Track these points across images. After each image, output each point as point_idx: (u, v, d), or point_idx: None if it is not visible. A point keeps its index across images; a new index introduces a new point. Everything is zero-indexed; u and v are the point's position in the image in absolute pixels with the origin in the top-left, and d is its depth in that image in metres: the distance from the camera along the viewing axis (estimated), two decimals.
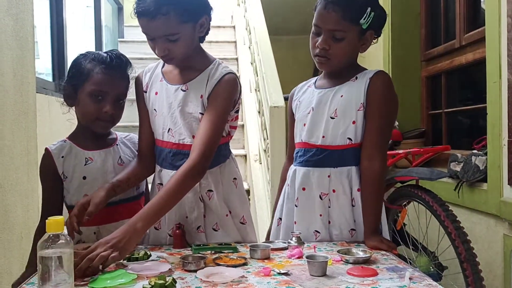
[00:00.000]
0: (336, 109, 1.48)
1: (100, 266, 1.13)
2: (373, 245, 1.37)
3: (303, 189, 1.52)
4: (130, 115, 1.66)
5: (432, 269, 1.89)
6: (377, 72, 1.50)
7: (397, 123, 2.98)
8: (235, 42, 5.57)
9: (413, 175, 1.93)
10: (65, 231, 0.97)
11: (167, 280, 1.03)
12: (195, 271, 1.14)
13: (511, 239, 1.91)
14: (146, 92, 1.53)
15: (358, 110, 1.46)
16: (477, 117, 2.65)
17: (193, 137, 1.42)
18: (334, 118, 1.48)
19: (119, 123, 1.54)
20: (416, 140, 2.97)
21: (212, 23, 1.47)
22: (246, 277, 1.11)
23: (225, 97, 1.42)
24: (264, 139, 3.44)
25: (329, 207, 1.50)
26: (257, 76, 3.96)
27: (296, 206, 1.54)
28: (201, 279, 1.09)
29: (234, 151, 1.59)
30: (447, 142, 2.84)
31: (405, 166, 2.61)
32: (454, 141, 2.82)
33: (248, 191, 3.49)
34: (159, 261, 1.25)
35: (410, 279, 1.09)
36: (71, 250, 0.96)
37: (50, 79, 3.46)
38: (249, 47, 4.64)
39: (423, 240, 2.02)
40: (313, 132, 1.52)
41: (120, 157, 1.52)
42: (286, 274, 1.14)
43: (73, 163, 1.47)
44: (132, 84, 1.55)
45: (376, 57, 3.23)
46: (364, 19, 1.44)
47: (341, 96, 1.49)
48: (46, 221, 0.95)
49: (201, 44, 1.49)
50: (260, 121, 3.71)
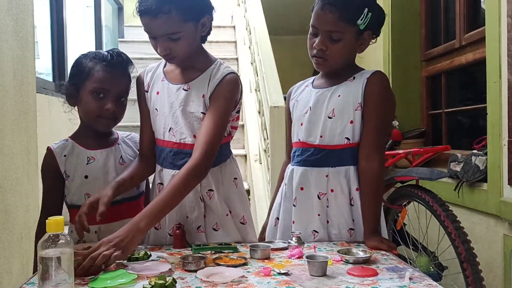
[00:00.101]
0: (333, 109, 1.48)
1: (103, 265, 1.13)
2: (373, 245, 1.37)
3: (301, 188, 1.52)
4: (130, 115, 1.66)
5: (432, 269, 1.89)
6: (375, 72, 1.50)
7: (397, 123, 2.98)
8: (235, 42, 5.57)
9: (413, 175, 1.93)
10: (65, 231, 0.97)
11: (167, 280, 1.03)
12: (195, 271, 1.14)
13: (511, 239, 1.91)
14: (147, 91, 1.53)
15: (356, 109, 1.46)
16: (477, 117, 2.65)
17: (194, 136, 1.43)
18: (331, 118, 1.48)
19: (119, 123, 1.54)
20: (416, 140, 2.97)
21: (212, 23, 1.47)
22: (246, 277, 1.11)
23: (227, 97, 1.42)
24: (264, 139, 3.44)
25: (327, 206, 1.50)
26: (257, 76, 3.96)
27: (294, 206, 1.54)
28: (201, 279, 1.09)
29: (234, 151, 1.59)
30: (447, 142, 2.84)
31: (405, 166, 2.61)
32: (454, 141, 2.82)
33: (248, 191, 3.49)
34: (159, 261, 1.25)
35: (410, 279, 1.09)
36: (71, 250, 0.97)
37: (50, 79, 3.47)
38: (249, 47, 4.64)
39: (423, 240, 2.02)
40: (311, 132, 1.52)
41: (122, 156, 1.53)
42: (286, 274, 1.14)
43: (75, 162, 1.48)
44: (134, 83, 1.56)
45: (376, 57, 3.22)
46: (361, 19, 1.43)
47: (339, 96, 1.49)
48: (46, 221, 0.95)
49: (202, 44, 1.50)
50: (260, 121, 3.71)
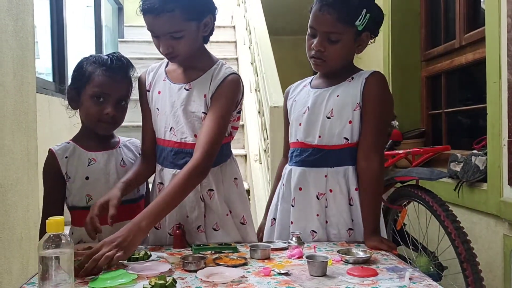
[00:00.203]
0: (332, 109, 1.49)
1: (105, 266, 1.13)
2: (373, 245, 1.37)
3: (300, 189, 1.52)
4: (131, 116, 1.66)
5: (432, 269, 1.89)
6: (373, 73, 1.50)
7: (397, 123, 2.98)
8: (235, 42, 5.57)
9: (413, 175, 1.93)
10: (65, 231, 0.97)
11: (167, 280, 1.03)
12: (195, 271, 1.14)
13: (511, 239, 1.91)
14: (149, 91, 1.53)
15: (355, 110, 1.47)
16: (477, 117, 2.64)
17: (195, 136, 1.43)
18: (330, 118, 1.49)
19: None
20: (416, 140, 2.97)
21: None
22: (246, 277, 1.11)
23: (228, 97, 1.43)
24: (264, 139, 3.44)
25: (326, 207, 1.50)
26: (257, 76, 3.97)
27: (293, 206, 1.54)
28: (201, 279, 1.09)
29: (234, 151, 1.59)
30: (447, 142, 2.83)
31: (405, 166, 2.61)
32: (454, 141, 2.81)
33: (248, 191, 3.50)
34: (159, 261, 1.25)
35: (410, 279, 1.09)
36: (71, 250, 0.97)
37: (50, 79, 3.47)
38: (249, 47, 4.64)
39: (423, 240, 2.02)
40: (309, 132, 1.52)
41: (123, 159, 1.53)
42: (286, 274, 1.14)
43: (76, 164, 1.48)
44: (135, 84, 1.56)
45: (376, 57, 3.22)
46: (360, 21, 1.43)
47: (337, 96, 1.49)
48: (47, 221, 0.95)
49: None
50: (260, 121, 3.72)
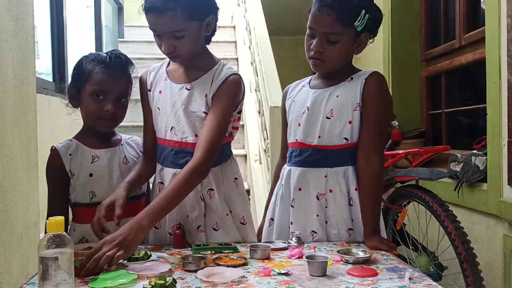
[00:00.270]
0: (332, 109, 1.49)
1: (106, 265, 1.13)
2: (373, 245, 1.37)
3: (299, 189, 1.52)
4: (131, 116, 1.66)
5: (432, 269, 1.89)
6: (372, 73, 1.50)
7: (397, 123, 2.98)
8: (235, 42, 5.57)
9: (413, 175, 1.93)
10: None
11: (167, 280, 1.03)
12: (195, 271, 1.14)
13: (511, 239, 1.91)
14: (150, 91, 1.54)
15: (354, 110, 1.47)
16: (477, 117, 2.64)
17: (195, 135, 1.43)
18: (330, 118, 1.49)
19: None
20: (416, 140, 2.97)
21: None
22: (246, 277, 1.11)
23: (229, 97, 1.43)
24: (264, 139, 3.44)
25: (326, 207, 1.50)
26: (257, 76, 3.97)
27: (292, 207, 1.54)
28: (201, 279, 1.09)
29: (234, 151, 1.59)
30: (447, 142, 2.83)
31: (405, 166, 2.61)
32: (454, 141, 2.81)
33: (248, 191, 3.49)
34: (159, 261, 1.25)
35: (410, 279, 1.09)
36: (71, 250, 0.97)
37: (50, 79, 3.46)
38: (249, 47, 4.64)
39: (423, 240, 2.02)
40: (309, 132, 1.52)
41: (125, 156, 1.54)
42: (286, 274, 1.14)
43: (80, 161, 1.49)
44: (135, 83, 1.56)
45: (376, 57, 3.22)
46: (359, 21, 1.43)
47: (337, 96, 1.49)
48: (47, 221, 0.95)
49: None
50: (260, 121, 3.72)
